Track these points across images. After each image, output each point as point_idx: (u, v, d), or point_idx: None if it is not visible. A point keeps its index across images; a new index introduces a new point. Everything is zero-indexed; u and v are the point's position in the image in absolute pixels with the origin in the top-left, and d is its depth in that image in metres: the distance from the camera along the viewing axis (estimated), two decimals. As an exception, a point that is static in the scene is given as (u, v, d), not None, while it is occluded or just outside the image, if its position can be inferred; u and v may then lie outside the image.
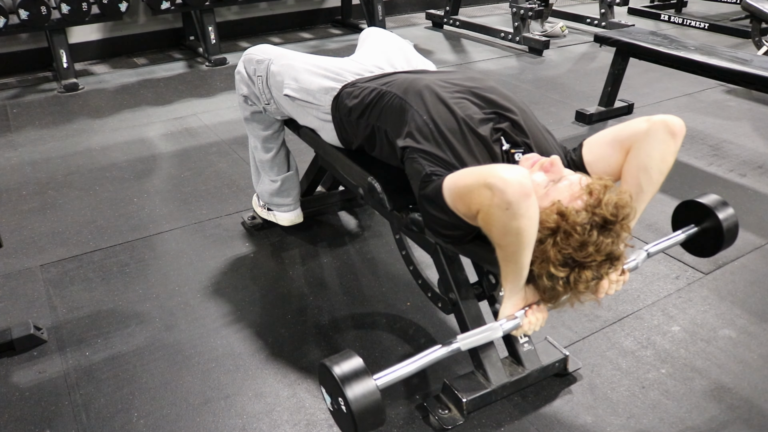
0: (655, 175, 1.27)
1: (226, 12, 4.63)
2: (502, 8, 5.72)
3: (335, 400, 1.07)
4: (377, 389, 1.05)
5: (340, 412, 1.07)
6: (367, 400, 1.03)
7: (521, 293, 1.24)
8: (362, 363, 1.07)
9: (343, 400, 1.03)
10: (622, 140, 1.32)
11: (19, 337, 1.63)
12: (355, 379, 1.04)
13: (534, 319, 1.24)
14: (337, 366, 1.06)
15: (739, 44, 4.59)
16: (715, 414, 1.46)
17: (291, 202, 2.08)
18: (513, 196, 1.06)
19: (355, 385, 1.04)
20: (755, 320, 1.77)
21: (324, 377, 1.10)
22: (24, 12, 3.34)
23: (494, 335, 1.21)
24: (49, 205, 2.38)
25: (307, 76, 1.69)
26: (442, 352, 1.17)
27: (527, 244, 1.12)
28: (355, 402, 1.02)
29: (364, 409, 1.03)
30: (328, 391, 1.10)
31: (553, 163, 1.22)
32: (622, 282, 1.25)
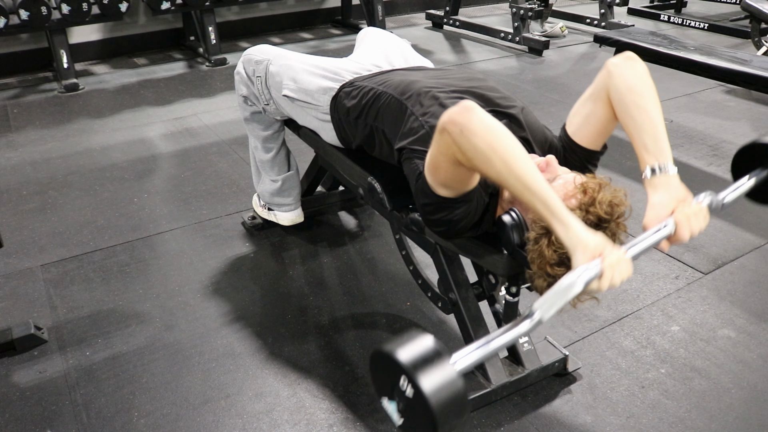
0: (642, 88, 1.23)
1: (227, 12, 4.63)
2: (502, 8, 5.72)
3: (400, 397, 0.86)
4: (457, 376, 0.84)
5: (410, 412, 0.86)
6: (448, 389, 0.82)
7: (583, 234, 1.03)
8: (434, 343, 0.86)
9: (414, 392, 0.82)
10: (593, 93, 1.32)
11: (20, 337, 1.63)
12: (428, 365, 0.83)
13: (614, 259, 1.01)
14: (402, 350, 0.85)
15: (738, 44, 4.59)
16: (715, 414, 1.47)
17: (292, 201, 2.08)
18: (458, 117, 1.07)
19: (431, 373, 0.82)
20: (755, 320, 1.77)
21: (381, 370, 0.88)
22: (24, 12, 3.34)
23: (573, 290, 0.99)
24: (49, 205, 2.38)
25: (305, 76, 1.69)
26: (525, 326, 0.96)
27: (512, 156, 1.06)
28: (433, 395, 0.80)
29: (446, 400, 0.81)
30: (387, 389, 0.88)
31: (549, 162, 1.23)
32: (704, 219, 1.14)
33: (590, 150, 1.36)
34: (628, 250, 1.05)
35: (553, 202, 1.04)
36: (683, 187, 1.16)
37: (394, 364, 0.84)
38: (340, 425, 1.43)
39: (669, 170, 1.16)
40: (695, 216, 1.12)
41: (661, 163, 1.16)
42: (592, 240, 1.03)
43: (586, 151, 1.36)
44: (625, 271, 1.02)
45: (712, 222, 2.23)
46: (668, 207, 1.13)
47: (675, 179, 1.16)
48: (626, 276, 1.03)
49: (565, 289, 1.00)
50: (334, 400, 1.50)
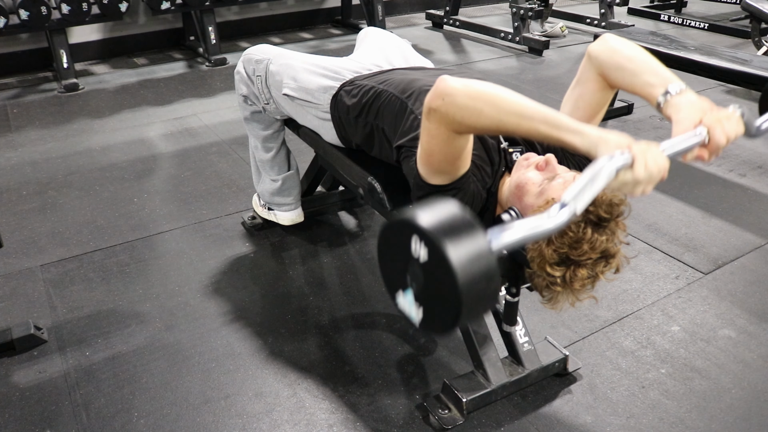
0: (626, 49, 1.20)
1: (226, 12, 4.63)
2: (502, 8, 5.72)
3: (416, 277, 0.74)
4: (491, 252, 0.73)
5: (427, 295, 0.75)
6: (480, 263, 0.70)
7: (601, 132, 0.97)
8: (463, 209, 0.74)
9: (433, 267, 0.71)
10: (578, 79, 1.33)
11: (20, 337, 1.63)
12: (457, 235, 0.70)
13: (644, 148, 0.92)
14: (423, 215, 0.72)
15: (738, 44, 4.59)
16: (715, 414, 1.46)
17: (292, 201, 2.08)
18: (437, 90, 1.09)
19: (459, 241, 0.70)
20: (755, 320, 1.77)
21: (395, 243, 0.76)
22: (24, 12, 3.33)
23: (604, 177, 0.88)
24: (49, 205, 2.38)
25: (305, 75, 1.69)
26: (561, 217, 0.85)
27: (491, 96, 1.06)
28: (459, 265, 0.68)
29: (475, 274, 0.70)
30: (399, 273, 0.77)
31: (548, 161, 1.23)
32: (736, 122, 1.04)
33: None
34: (665, 148, 0.95)
35: (555, 117, 1.00)
36: (705, 98, 1.06)
37: (410, 231, 0.72)
38: (340, 425, 1.43)
39: (683, 88, 1.08)
40: (727, 119, 1.02)
41: (671, 87, 1.08)
42: (614, 135, 0.96)
43: None
44: (660, 159, 0.92)
45: (712, 222, 2.25)
46: (695, 118, 1.03)
47: (693, 94, 1.07)
48: (662, 165, 0.93)
49: (594, 177, 0.88)
50: (334, 400, 1.50)
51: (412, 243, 0.73)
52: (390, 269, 0.81)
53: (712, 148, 1.02)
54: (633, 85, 1.17)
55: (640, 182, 0.91)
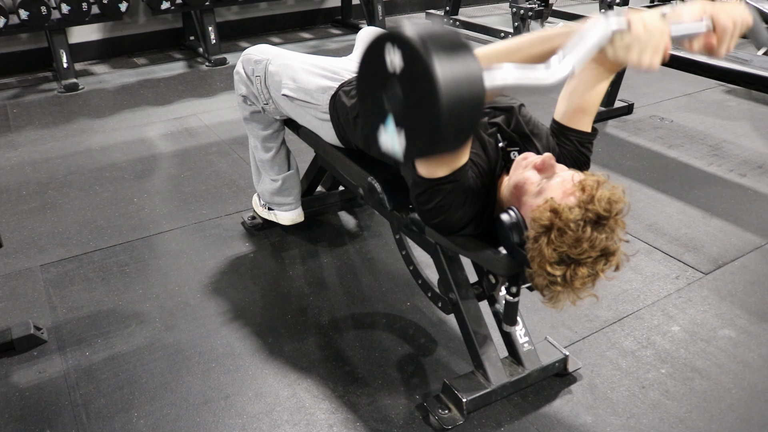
0: None
1: (226, 12, 4.63)
2: (502, 8, 5.72)
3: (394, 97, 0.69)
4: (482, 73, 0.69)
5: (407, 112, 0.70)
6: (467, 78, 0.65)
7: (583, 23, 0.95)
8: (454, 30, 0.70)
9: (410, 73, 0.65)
10: None
11: (19, 337, 1.63)
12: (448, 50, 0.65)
13: (641, 17, 0.90)
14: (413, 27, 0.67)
15: (738, 44, 4.57)
16: (715, 414, 1.46)
17: (292, 201, 2.08)
18: None
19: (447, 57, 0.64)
20: (755, 320, 1.77)
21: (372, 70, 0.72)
22: (24, 12, 3.34)
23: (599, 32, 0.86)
24: (49, 205, 2.38)
25: (304, 75, 1.69)
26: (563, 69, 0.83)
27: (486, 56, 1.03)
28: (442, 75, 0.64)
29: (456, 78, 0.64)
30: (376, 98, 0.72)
31: (545, 160, 1.23)
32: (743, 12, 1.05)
33: (580, 131, 1.36)
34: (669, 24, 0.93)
35: (538, 35, 1.00)
36: None
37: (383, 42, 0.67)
38: (340, 425, 1.43)
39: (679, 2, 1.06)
40: (732, 7, 1.00)
41: (665, 8, 1.06)
42: (611, 13, 0.92)
43: (576, 133, 1.36)
44: (659, 23, 0.89)
45: (712, 222, 2.25)
46: (697, 10, 1.01)
47: None
48: (662, 28, 0.89)
49: (588, 31, 0.85)
50: (334, 400, 1.50)
51: (386, 56, 0.68)
52: (369, 103, 0.76)
53: (720, 34, 1.00)
54: None
55: (644, 45, 0.89)
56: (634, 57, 0.92)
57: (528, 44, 1.02)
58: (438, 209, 1.26)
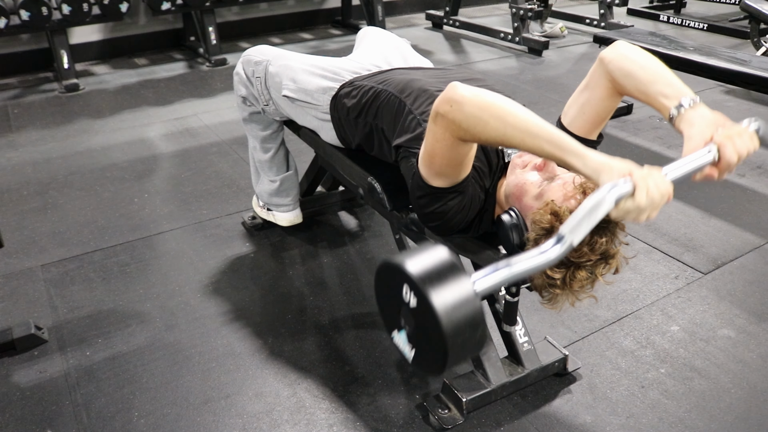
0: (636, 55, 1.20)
1: (227, 12, 4.64)
2: (502, 9, 5.73)
3: (408, 320, 0.77)
4: (476, 296, 0.76)
5: (418, 338, 0.77)
6: (465, 310, 0.73)
7: (604, 158, 0.96)
8: (451, 255, 0.77)
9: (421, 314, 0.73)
10: (588, 84, 1.32)
11: (20, 337, 1.64)
12: (443, 281, 0.73)
13: (645, 173, 0.91)
14: (412, 262, 0.74)
15: (737, 45, 4.59)
16: (715, 414, 1.47)
17: (290, 202, 2.08)
18: (446, 96, 1.09)
19: (444, 290, 0.72)
20: (754, 320, 1.77)
21: (388, 287, 0.79)
22: (25, 12, 3.34)
23: (603, 208, 0.89)
24: (49, 205, 2.38)
25: (305, 76, 1.70)
26: (555, 251, 0.87)
27: (506, 109, 1.05)
28: (445, 314, 0.71)
29: (459, 322, 0.72)
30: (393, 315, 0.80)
31: (546, 162, 1.23)
32: (750, 142, 1.03)
33: (586, 139, 1.36)
34: (668, 172, 0.94)
35: (560, 138, 1.00)
36: (719, 113, 1.05)
37: (401, 278, 0.74)
38: (340, 425, 1.43)
39: (696, 102, 1.07)
40: (739, 136, 1.00)
41: (684, 99, 1.07)
42: (616, 161, 0.95)
43: (581, 141, 1.37)
44: (663, 186, 0.92)
45: (711, 222, 2.25)
46: (707, 134, 1.02)
47: (706, 108, 1.06)
48: (665, 191, 0.92)
49: (592, 209, 0.88)
50: (334, 400, 1.50)
51: (404, 289, 0.75)
52: (386, 308, 0.83)
53: (723, 167, 1.00)
54: (646, 95, 1.16)
55: (643, 210, 0.91)
56: (631, 219, 0.93)
57: (545, 139, 1.01)
58: (438, 214, 1.27)
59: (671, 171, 0.95)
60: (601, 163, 0.96)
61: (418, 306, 0.74)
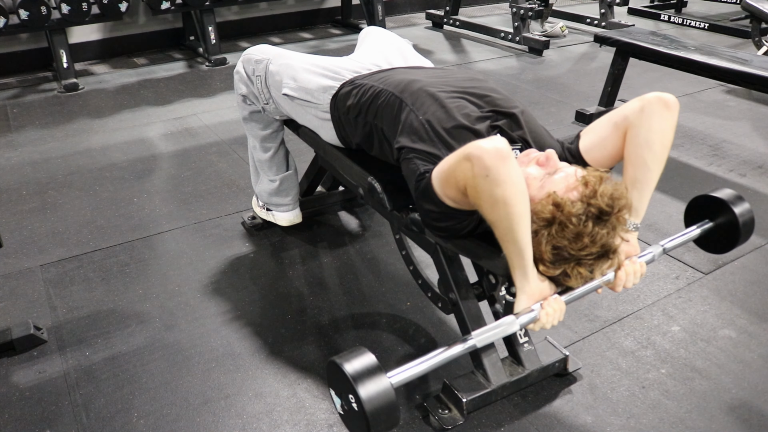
0: (659, 150, 1.26)
1: (226, 12, 4.63)
2: (502, 8, 5.72)
3: (345, 400, 1.03)
4: (392, 387, 1.00)
5: (351, 413, 1.02)
6: (382, 398, 0.98)
7: (534, 284, 1.18)
8: (375, 360, 1.02)
9: (355, 399, 0.99)
10: (617, 122, 1.31)
11: (19, 337, 1.63)
12: (368, 377, 0.99)
13: (551, 310, 1.17)
14: (348, 363, 1.01)
15: (739, 44, 4.59)
16: (715, 414, 1.46)
17: (289, 201, 2.08)
18: (490, 161, 1.07)
19: (369, 383, 0.99)
20: (755, 320, 1.77)
21: (333, 376, 1.06)
22: (24, 12, 3.34)
23: (510, 329, 1.15)
24: (49, 205, 2.38)
25: (305, 75, 1.69)
26: (457, 349, 1.12)
27: (518, 215, 1.10)
28: (368, 401, 0.97)
29: (379, 408, 0.98)
30: (337, 392, 1.06)
31: (548, 156, 1.23)
32: (640, 275, 1.27)
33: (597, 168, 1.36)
34: (566, 296, 1.21)
35: (528, 254, 1.15)
36: (637, 244, 1.32)
37: (342, 373, 1.00)
38: (340, 425, 1.43)
39: (634, 229, 1.30)
40: (634, 274, 1.26)
41: (632, 222, 1.29)
42: (539, 289, 1.18)
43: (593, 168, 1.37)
44: (558, 317, 1.19)
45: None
46: (617, 263, 1.23)
47: (635, 237, 1.31)
48: (557, 320, 1.19)
49: (504, 327, 1.14)
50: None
51: (347, 384, 1.01)
52: (333, 377, 1.06)
53: (612, 288, 1.27)
54: (626, 183, 1.28)
55: (535, 330, 1.22)
56: (531, 329, 1.22)
57: (517, 252, 1.15)
58: (449, 229, 1.28)
59: (570, 296, 1.22)
60: (531, 288, 1.18)
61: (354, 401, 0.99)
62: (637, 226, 1.31)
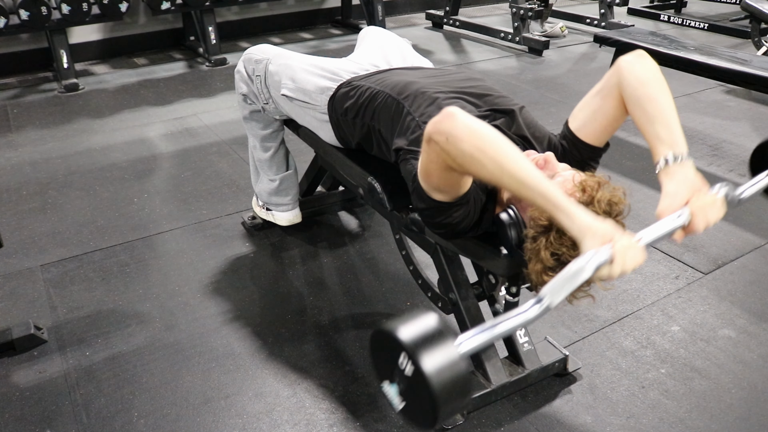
0: (655, 82, 1.22)
1: (226, 12, 4.63)
2: (502, 8, 5.72)
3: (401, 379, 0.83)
4: (460, 357, 0.82)
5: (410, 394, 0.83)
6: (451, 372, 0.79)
7: (586, 221, 1.00)
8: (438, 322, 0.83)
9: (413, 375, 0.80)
10: (600, 91, 1.31)
11: (20, 337, 1.63)
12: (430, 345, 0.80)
13: (622, 247, 0.97)
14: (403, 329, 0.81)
15: (738, 44, 4.59)
16: (715, 414, 1.46)
17: (289, 201, 2.08)
18: (441, 125, 1.06)
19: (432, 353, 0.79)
20: (755, 320, 1.77)
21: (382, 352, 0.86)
22: (24, 12, 3.34)
23: (582, 276, 0.96)
24: (49, 205, 2.38)
25: (304, 75, 1.69)
26: (533, 311, 0.93)
27: (500, 154, 1.04)
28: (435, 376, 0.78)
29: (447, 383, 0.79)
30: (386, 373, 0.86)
31: (547, 159, 1.23)
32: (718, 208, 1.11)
33: (593, 146, 1.36)
34: (642, 238, 1.02)
35: (552, 193, 1.02)
36: (699, 176, 1.13)
37: (394, 343, 0.81)
38: (340, 425, 1.43)
39: (684, 159, 1.13)
40: (711, 206, 1.09)
41: (675, 152, 1.13)
42: (601, 226, 1.00)
43: (589, 148, 1.36)
44: (638, 257, 0.99)
45: (712, 222, 2.25)
46: (683, 197, 1.10)
47: (690, 168, 1.13)
48: (638, 263, 0.99)
49: (574, 274, 0.95)
50: (334, 400, 1.50)
51: (402, 359, 0.81)
52: (379, 359, 0.88)
53: (688, 232, 1.09)
54: (644, 130, 1.19)
55: (614, 276, 0.99)
56: (603, 279, 1.00)
57: (539, 192, 1.03)
58: (444, 225, 1.28)
59: (645, 236, 1.03)
60: (587, 227, 1.00)
61: (413, 375, 0.80)
62: (683, 157, 1.13)
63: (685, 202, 1.09)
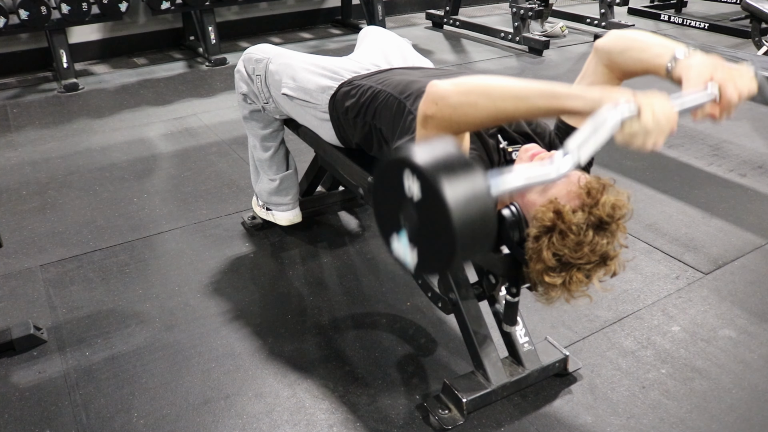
0: (634, 33, 1.22)
1: (226, 12, 4.63)
2: (502, 8, 5.72)
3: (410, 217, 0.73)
4: (488, 190, 0.73)
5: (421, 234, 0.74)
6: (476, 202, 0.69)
7: (591, 92, 0.95)
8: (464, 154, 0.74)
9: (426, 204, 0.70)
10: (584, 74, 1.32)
11: (19, 337, 1.63)
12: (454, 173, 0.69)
13: (648, 99, 0.89)
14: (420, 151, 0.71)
15: (739, 44, 4.58)
16: (716, 414, 1.46)
17: (289, 201, 2.08)
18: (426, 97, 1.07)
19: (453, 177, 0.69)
20: (755, 320, 1.77)
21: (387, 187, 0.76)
22: (24, 12, 3.33)
23: (608, 127, 0.87)
24: (49, 205, 2.38)
25: (304, 74, 1.69)
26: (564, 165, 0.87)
27: (483, 87, 1.03)
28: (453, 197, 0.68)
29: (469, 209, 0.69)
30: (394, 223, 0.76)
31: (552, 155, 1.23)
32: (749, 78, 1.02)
33: None
34: (675, 100, 0.93)
35: (550, 88, 0.97)
36: (716, 55, 1.04)
37: (402, 169, 0.71)
38: (340, 425, 1.43)
39: (691, 51, 1.05)
40: (740, 76, 1.00)
41: (678, 52, 1.07)
42: (616, 89, 0.94)
43: None
44: (668, 108, 0.89)
45: (712, 222, 2.25)
46: (706, 74, 1.00)
47: (702, 54, 1.04)
48: (670, 115, 0.89)
49: (598, 126, 0.86)
50: (334, 400, 1.50)
51: (405, 181, 0.72)
52: (384, 213, 0.80)
53: (724, 105, 0.99)
54: (641, 61, 1.16)
55: (650, 132, 0.89)
56: (639, 143, 0.91)
57: (537, 95, 0.99)
58: None
59: (676, 100, 0.92)
60: (601, 96, 0.93)
61: (423, 196, 0.70)
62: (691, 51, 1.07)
63: (709, 78, 1.00)
